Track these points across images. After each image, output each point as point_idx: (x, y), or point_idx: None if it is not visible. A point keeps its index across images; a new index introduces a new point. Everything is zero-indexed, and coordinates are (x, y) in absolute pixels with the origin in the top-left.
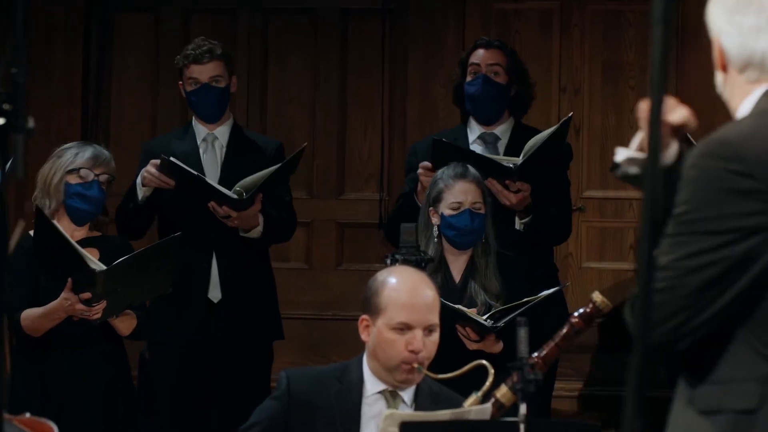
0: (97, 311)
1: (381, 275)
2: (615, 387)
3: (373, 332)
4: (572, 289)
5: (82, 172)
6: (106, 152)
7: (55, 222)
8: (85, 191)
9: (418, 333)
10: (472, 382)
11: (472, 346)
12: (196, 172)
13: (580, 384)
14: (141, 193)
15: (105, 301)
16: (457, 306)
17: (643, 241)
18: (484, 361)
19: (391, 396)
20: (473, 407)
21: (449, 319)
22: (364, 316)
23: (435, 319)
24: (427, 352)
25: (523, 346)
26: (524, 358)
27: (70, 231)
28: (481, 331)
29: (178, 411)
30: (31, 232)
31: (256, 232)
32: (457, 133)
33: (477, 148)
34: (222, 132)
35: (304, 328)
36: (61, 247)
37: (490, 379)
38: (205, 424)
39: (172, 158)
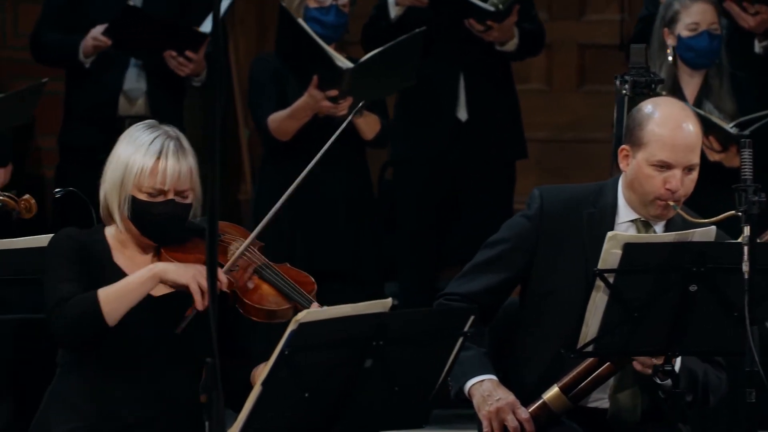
0: (343, 108)
1: (647, 107)
2: None
3: (632, 164)
4: None
5: None
6: None
7: (300, 21)
8: (322, 17)
9: (677, 172)
10: None
11: (713, 156)
12: None
13: None
14: (393, 12)
15: (351, 98)
16: (702, 112)
17: None
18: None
19: (643, 225)
20: (697, 229)
21: None
22: (625, 146)
23: (696, 158)
24: (684, 190)
25: (747, 167)
26: (748, 180)
27: None
28: (726, 140)
29: (420, 228)
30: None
31: (512, 44)
32: None
33: None
34: None
35: (544, 150)
36: (308, 46)
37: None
38: (445, 241)
39: None
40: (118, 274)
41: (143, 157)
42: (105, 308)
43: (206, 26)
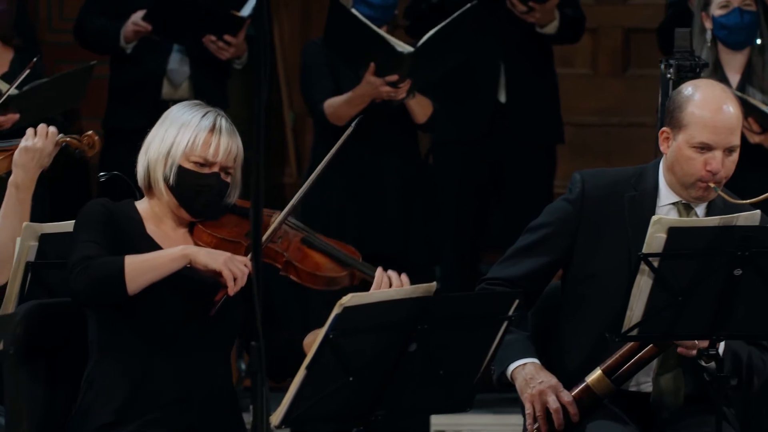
0: (402, 91)
1: (687, 89)
2: None
3: (672, 146)
4: None
5: None
6: None
7: (353, 10)
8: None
9: (718, 154)
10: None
11: (754, 138)
12: None
13: None
14: None
15: (410, 81)
16: (740, 94)
17: None
18: None
19: (684, 208)
20: (742, 213)
21: None
22: (665, 128)
23: (736, 140)
24: (725, 171)
25: None
26: None
27: None
28: (765, 122)
29: (461, 211)
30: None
31: (553, 27)
32: None
33: None
34: None
35: (588, 134)
36: (363, 35)
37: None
38: (486, 225)
39: None
40: (151, 244)
41: (196, 128)
42: (129, 275)
43: (246, 10)
